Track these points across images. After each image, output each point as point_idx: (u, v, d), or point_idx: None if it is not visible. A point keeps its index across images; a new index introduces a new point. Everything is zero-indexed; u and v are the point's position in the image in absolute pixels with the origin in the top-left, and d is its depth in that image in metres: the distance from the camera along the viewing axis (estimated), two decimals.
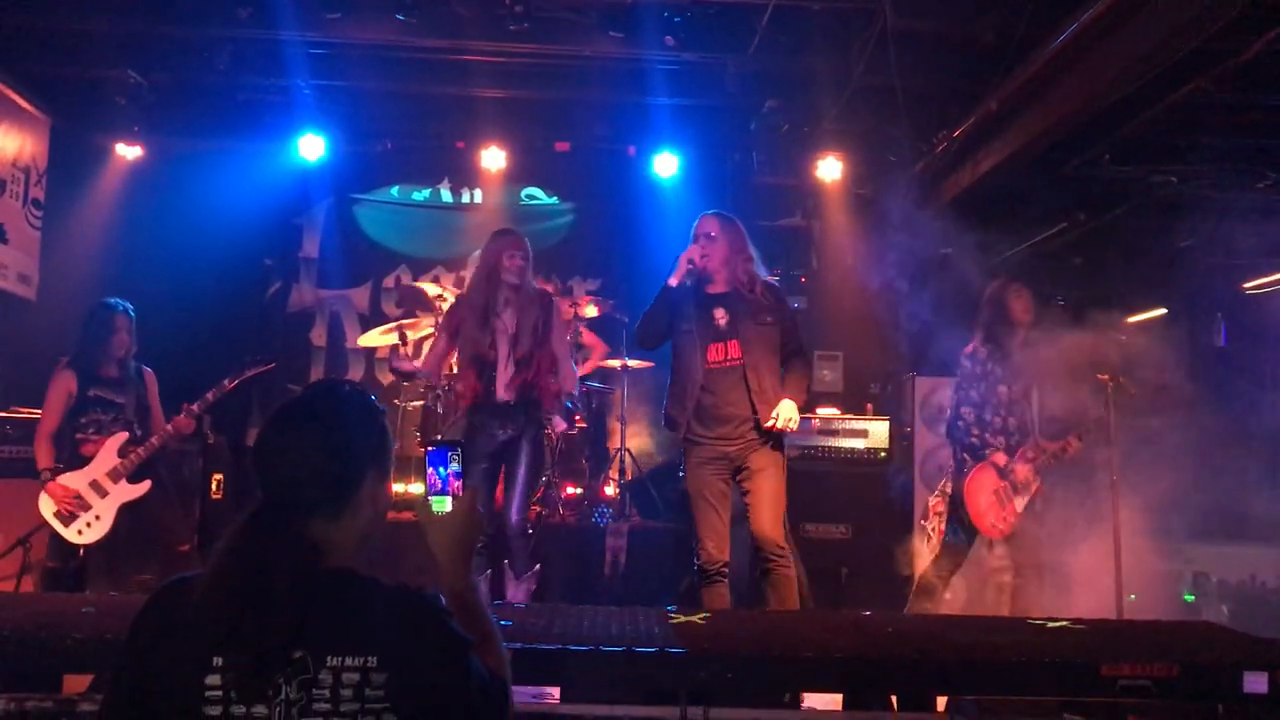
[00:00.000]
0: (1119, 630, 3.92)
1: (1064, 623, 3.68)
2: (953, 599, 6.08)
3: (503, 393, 5.20)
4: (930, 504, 5.49)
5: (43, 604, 3.71)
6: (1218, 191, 7.73)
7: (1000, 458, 5.22)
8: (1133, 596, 6.21)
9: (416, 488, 7.06)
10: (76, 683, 3.12)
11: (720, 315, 4.81)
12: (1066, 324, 5.28)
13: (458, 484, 2.08)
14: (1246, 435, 7.28)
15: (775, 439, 4.78)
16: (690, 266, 4.82)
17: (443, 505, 2.06)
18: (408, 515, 6.12)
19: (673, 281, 4.81)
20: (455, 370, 5.70)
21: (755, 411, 4.70)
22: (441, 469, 2.08)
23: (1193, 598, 6.93)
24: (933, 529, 5.44)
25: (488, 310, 5.25)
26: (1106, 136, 7.13)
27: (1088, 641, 3.36)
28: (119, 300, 5.69)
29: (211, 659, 1.65)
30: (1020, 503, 5.19)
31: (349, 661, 1.66)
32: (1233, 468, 6.62)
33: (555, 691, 3.14)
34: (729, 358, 4.76)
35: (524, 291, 5.31)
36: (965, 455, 5.30)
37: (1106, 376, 5.08)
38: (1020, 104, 6.43)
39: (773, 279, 5.10)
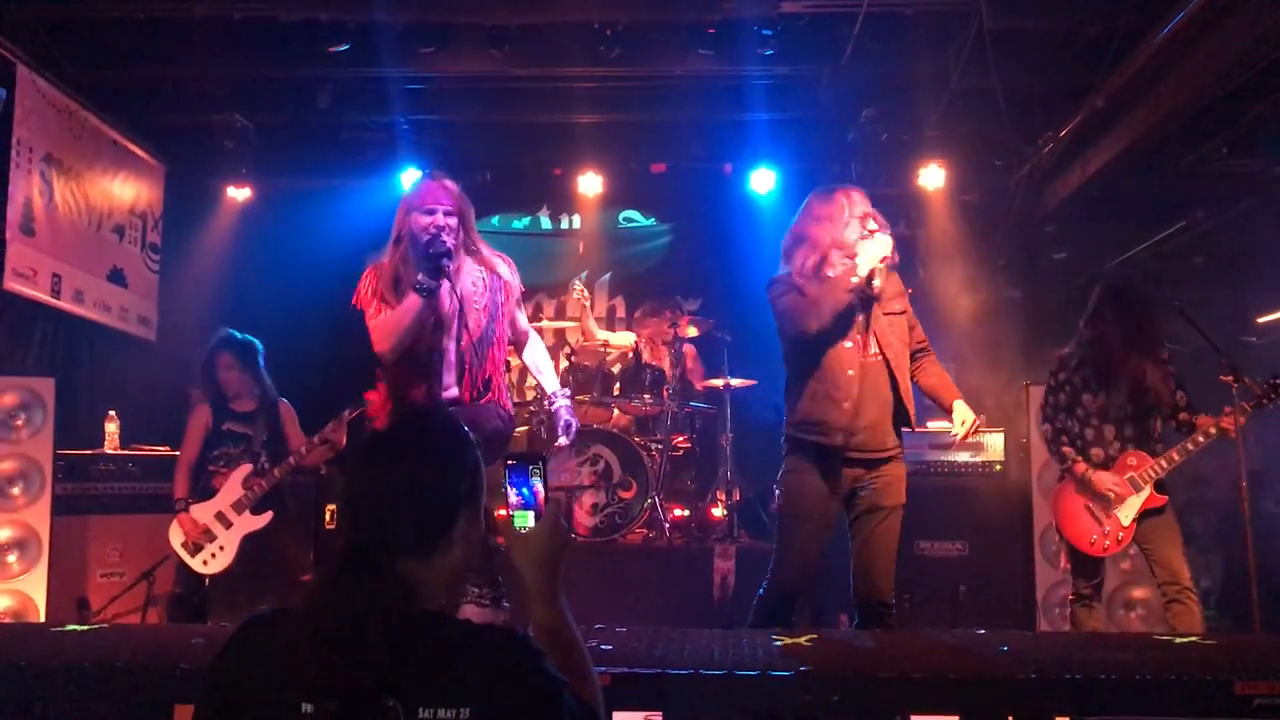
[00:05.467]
0: (1254, 645, 3.69)
1: (1193, 638, 3.49)
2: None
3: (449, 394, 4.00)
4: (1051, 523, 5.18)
5: (157, 635, 3.80)
6: None
7: (1080, 467, 4.78)
8: None
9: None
10: (186, 713, 3.17)
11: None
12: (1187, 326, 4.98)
13: (541, 498, 2.03)
14: None
15: (900, 466, 4.13)
16: (884, 265, 3.99)
17: (525, 521, 2.01)
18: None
19: (857, 282, 3.95)
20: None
21: (904, 414, 4.07)
22: (523, 484, 2.04)
23: None
24: (1056, 549, 5.11)
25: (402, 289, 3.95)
26: (1224, 128, 6.85)
27: (1219, 657, 3.16)
28: (222, 339, 5.75)
29: (301, 705, 1.60)
30: (1126, 514, 4.70)
31: (441, 714, 1.59)
32: None
33: (658, 716, 3.08)
34: (868, 353, 4.05)
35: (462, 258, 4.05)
36: (1059, 469, 4.96)
37: (1231, 377, 4.76)
38: (1129, 99, 6.23)
39: None
